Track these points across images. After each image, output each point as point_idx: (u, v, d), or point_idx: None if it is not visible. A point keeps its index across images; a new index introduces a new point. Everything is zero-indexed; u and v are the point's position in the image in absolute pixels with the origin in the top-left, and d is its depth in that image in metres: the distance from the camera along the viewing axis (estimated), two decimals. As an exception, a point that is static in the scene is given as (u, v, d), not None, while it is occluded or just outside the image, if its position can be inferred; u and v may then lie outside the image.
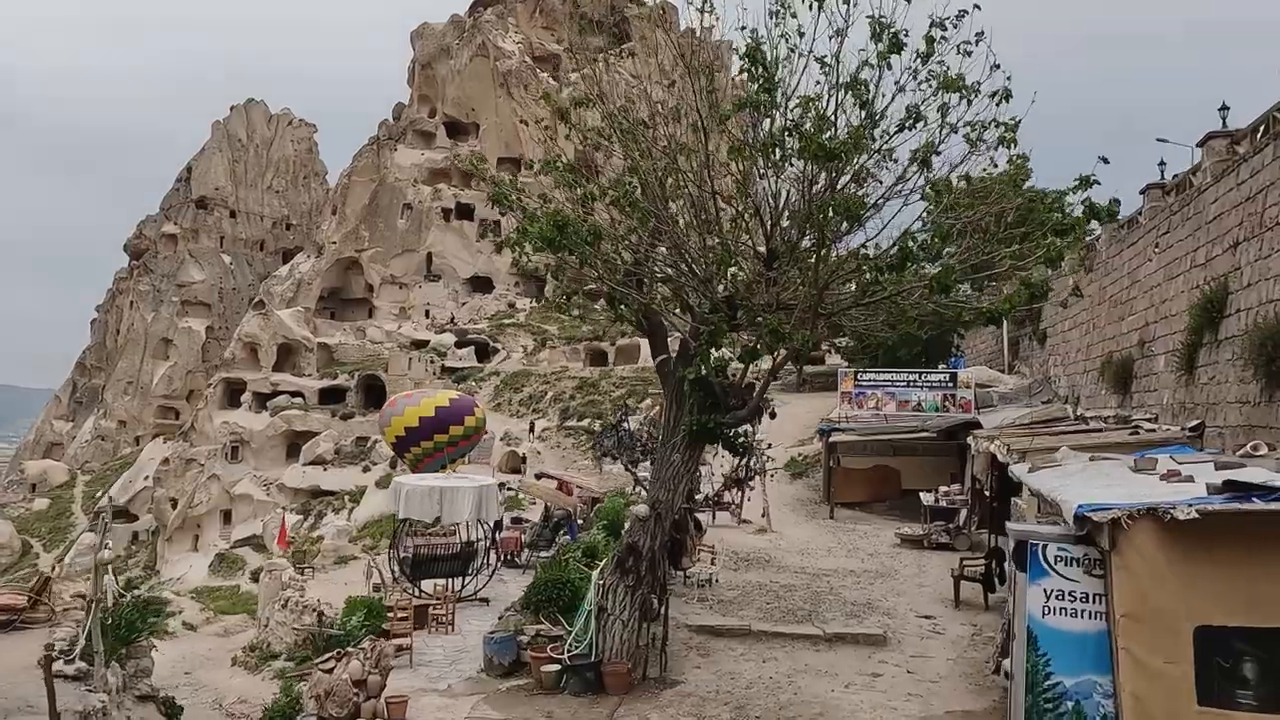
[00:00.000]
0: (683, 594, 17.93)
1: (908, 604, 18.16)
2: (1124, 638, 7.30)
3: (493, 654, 14.39)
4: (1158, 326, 20.51)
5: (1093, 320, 27.38)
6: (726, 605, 17.47)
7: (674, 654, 14.46)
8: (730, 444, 14.00)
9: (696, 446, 14.10)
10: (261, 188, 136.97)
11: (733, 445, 14.04)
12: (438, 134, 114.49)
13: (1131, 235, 24.40)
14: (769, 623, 16.23)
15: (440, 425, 41.83)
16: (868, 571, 21.37)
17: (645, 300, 14.01)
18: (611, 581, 13.73)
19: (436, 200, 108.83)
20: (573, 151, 14.83)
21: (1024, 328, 38.26)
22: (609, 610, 13.61)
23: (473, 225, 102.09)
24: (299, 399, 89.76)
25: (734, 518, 27.37)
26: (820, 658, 14.69)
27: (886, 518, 30.20)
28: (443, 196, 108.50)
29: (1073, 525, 7.84)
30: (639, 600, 13.68)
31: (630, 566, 13.67)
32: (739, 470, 26.51)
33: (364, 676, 12.05)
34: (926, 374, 34.13)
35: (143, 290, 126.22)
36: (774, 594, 18.58)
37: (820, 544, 25.22)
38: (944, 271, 11.87)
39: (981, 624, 16.65)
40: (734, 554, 22.69)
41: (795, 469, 35.74)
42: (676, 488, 14.05)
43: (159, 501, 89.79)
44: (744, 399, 13.88)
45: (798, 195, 12.95)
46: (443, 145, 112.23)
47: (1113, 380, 22.96)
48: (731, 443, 13.99)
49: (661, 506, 13.93)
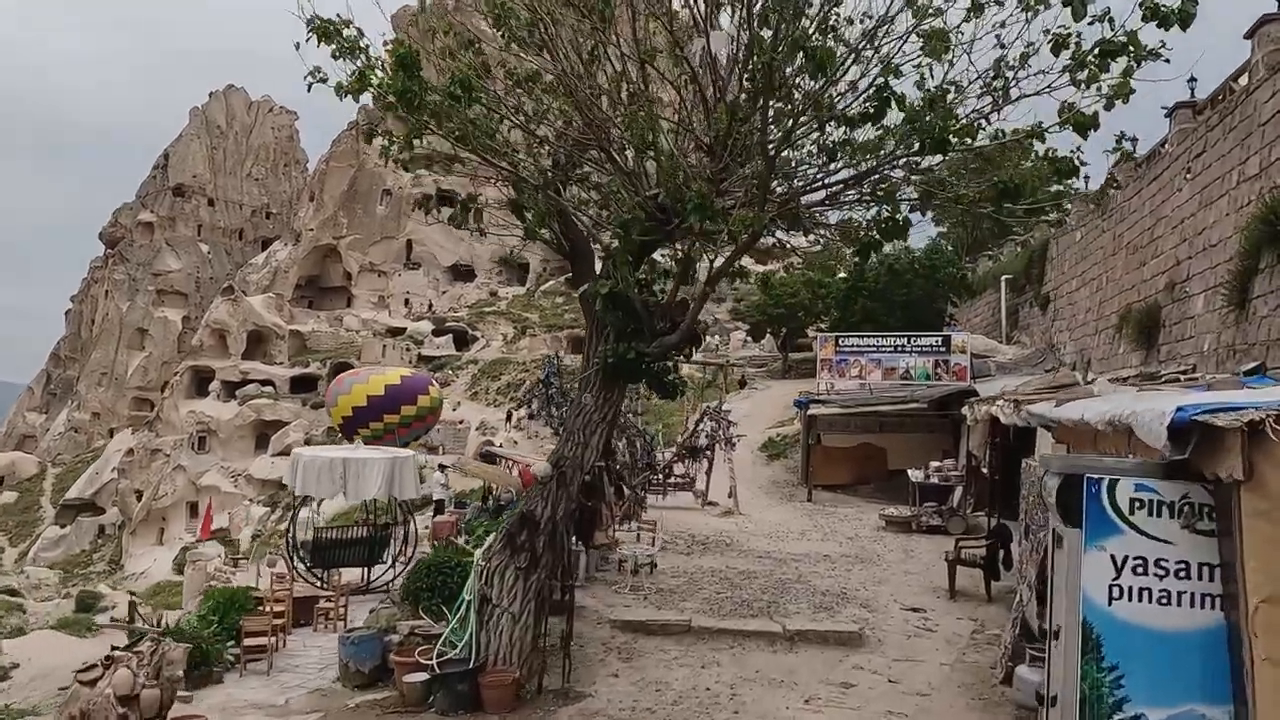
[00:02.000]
0: (613, 581, 14.63)
1: (891, 593, 14.85)
2: (1266, 639, 4.00)
3: (349, 658, 11.07)
4: (1193, 263, 17.23)
5: (1106, 274, 24.09)
6: (666, 596, 14.13)
7: (587, 657, 11.17)
8: (658, 381, 10.67)
9: (613, 386, 10.80)
10: (241, 175, 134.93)
11: (661, 383, 10.69)
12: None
13: (1151, 170, 21.12)
14: (715, 617, 12.89)
15: (391, 405, 38.35)
16: (845, 556, 18.07)
17: (559, 201, 10.68)
18: (499, 563, 10.42)
19: (417, 187, 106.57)
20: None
21: (1023, 294, 34.96)
22: (494, 600, 10.29)
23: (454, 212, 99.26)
24: (269, 388, 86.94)
25: (697, 499, 23.96)
26: (777, 661, 11.38)
27: (871, 500, 26.92)
28: (423, 183, 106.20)
29: (1166, 445, 4.53)
30: (535, 587, 10.38)
31: (524, 543, 10.36)
32: (695, 437, 22.95)
33: (135, 691, 8.70)
34: (916, 337, 30.48)
35: (118, 279, 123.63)
36: (728, 582, 15.25)
37: (793, 527, 21.89)
38: (937, 112, 8.42)
39: (983, 619, 13.35)
40: (689, 537, 19.36)
41: (773, 449, 32.41)
42: (588, 440, 10.75)
43: (123, 494, 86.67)
44: (674, 321, 10.56)
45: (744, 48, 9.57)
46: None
47: (1134, 334, 19.66)
48: (659, 380, 10.66)
49: (567, 464, 10.64)
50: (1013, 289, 36.02)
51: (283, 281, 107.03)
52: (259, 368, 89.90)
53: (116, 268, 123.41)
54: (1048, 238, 32.81)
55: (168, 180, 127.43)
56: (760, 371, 54.25)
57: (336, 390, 41.47)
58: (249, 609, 14.59)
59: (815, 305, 47.85)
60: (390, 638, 11.38)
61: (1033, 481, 11.58)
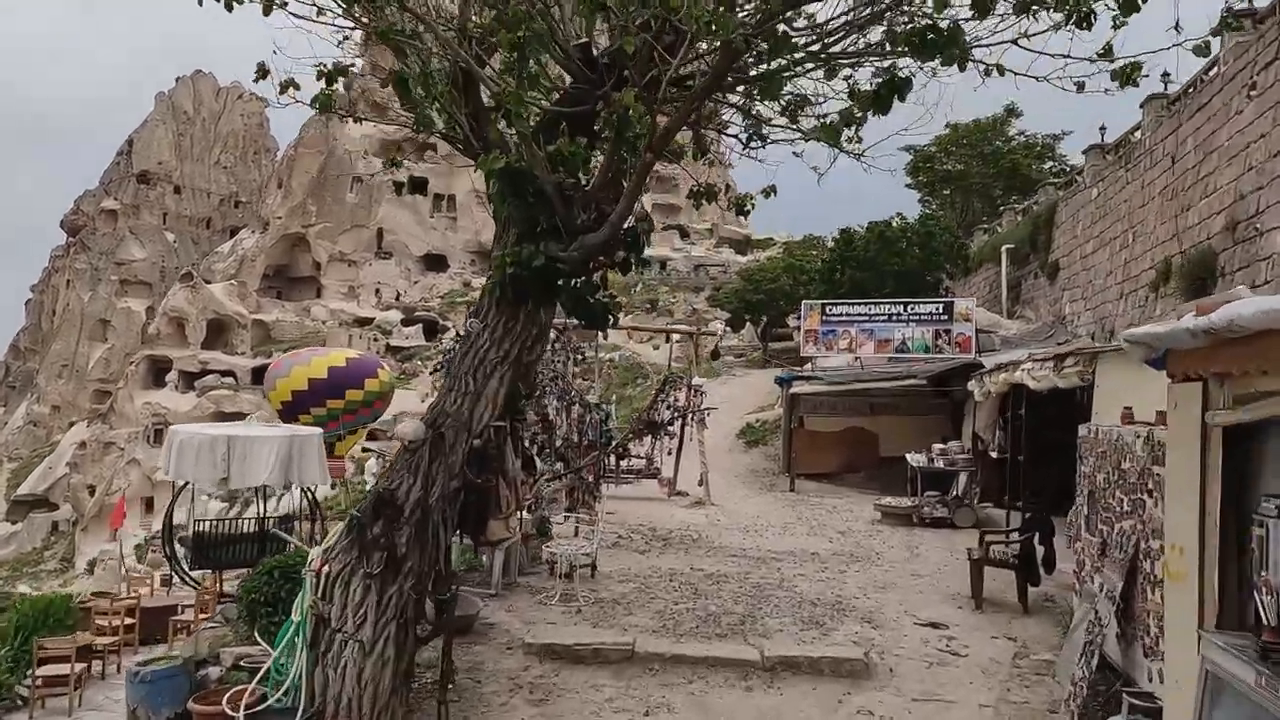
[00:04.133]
0: (540, 589, 11.29)
1: (899, 602, 11.60)
2: None
3: (140, 703, 7.73)
4: (1264, 193, 14.07)
5: (1133, 230, 20.94)
6: (607, 608, 10.80)
7: (483, 701, 7.89)
8: (578, 302, 7.33)
9: (517, 309, 7.50)
10: (209, 163, 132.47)
11: (583, 304, 7.35)
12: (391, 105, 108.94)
13: (1193, 102, 17.98)
14: (670, 638, 9.59)
15: (334, 389, 34.94)
16: (838, 555, 14.80)
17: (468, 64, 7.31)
18: (341, 568, 7.10)
19: (388, 173, 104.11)
20: None
21: (1026, 265, 31.79)
22: (334, 623, 6.99)
23: (426, 200, 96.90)
24: (230, 378, 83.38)
25: (663, 487, 20.60)
26: (752, 703, 8.13)
27: (863, 490, 23.72)
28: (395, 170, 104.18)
29: None
30: (395, 601, 7.07)
31: (378, 537, 7.06)
32: (655, 409, 19.43)
33: None
34: (913, 304, 26.96)
35: (79, 269, 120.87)
36: (691, 588, 11.94)
37: (774, 519, 18.62)
38: None
39: (1022, 637, 10.14)
40: (649, 530, 16.09)
41: (751, 435, 29.17)
42: (480, 388, 7.47)
43: (75, 489, 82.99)
44: (602, 211, 7.27)
45: None
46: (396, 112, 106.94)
47: (1183, 288, 16.46)
48: (580, 300, 7.32)
49: (447, 423, 7.35)
50: (1014, 260, 32.84)
51: (249, 270, 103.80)
52: (219, 358, 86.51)
53: (78, 256, 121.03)
54: (1055, 200, 29.68)
55: (132, 167, 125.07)
56: (740, 361, 51.60)
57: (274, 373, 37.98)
58: (68, 625, 11.29)
59: (796, 292, 45.04)
60: (207, 671, 8.07)
61: (1105, 452, 8.37)
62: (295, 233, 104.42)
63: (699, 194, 9.01)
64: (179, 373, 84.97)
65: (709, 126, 8.72)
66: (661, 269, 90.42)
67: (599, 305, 7.33)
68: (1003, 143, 50.67)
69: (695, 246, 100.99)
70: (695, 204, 9.44)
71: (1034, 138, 51.23)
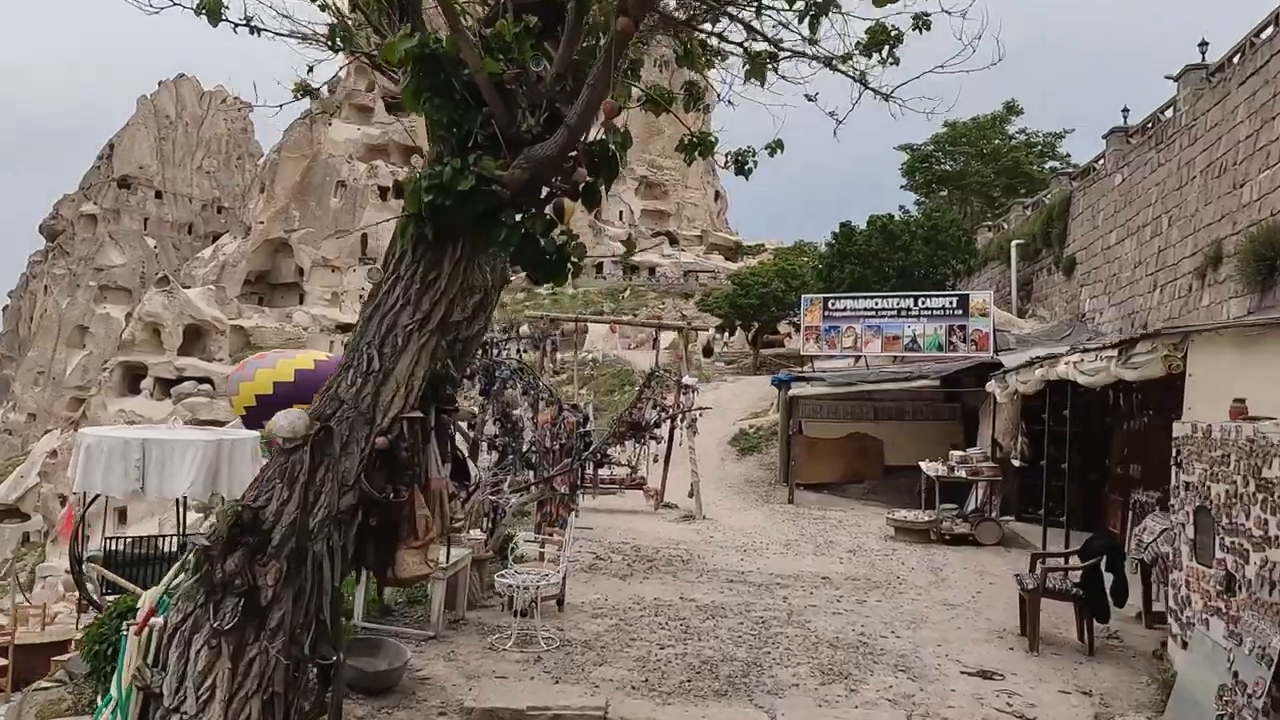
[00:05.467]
0: (492, 629, 9.11)
1: (936, 643, 9.48)
2: None
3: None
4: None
5: (1169, 214, 18.95)
6: (575, 654, 8.62)
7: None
8: (523, 246, 5.19)
9: (440, 253, 5.39)
10: (191, 168, 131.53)
11: (535, 249, 5.20)
12: (376, 108, 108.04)
13: (1247, 66, 16.02)
14: (653, 697, 7.46)
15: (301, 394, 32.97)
16: (852, 579, 12.66)
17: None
18: (181, 620, 4.97)
19: (373, 178, 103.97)
20: None
21: (1038, 260, 29.80)
22: (169, 701, 4.86)
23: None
24: (207, 385, 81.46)
25: (650, 499, 18.45)
26: (761, 793, 6.01)
27: (867, 502, 21.68)
28: (379, 174, 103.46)
29: None
30: (259, 670, 4.93)
31: (232, 576, 4.93)
32: (639, 409, 17.10)
33: None
34: (924, 298, 24.75)
35: (58, 274, 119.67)
36: (681, 625, 9.79)
37: (774, 535, 16.46)
38: None
39: (1100, 690, 8.03)
40: (633, 550, 13.94)
41: (745, 443, 27.06)
42: (389, 366, 5.35)
43: (46, 499, 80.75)
44: (555, 113, 5.15)
45: None
46: (381, 120, 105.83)
47: (1246, 271, 14.40)
48: (531, 241, 5.17)
49: (339, 414, 5.24)
50: (1024, 256, 30.85)
51: (231, 276, 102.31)
52: (196, 364, 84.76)
53: (56, 262, 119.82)
54: (1069, 192, 27.73)
55: (112, 171, 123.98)
56: (731, 368, 49.75)
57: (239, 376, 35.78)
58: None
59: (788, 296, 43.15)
60: (24, 753, 5.93)
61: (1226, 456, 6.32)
62: (278, 238, 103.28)
63: (691, 145, 6.93)
64: (154, 379, 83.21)
65: (698, 26, 6.62)
66: (650, 275, 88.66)
67: (553, 247, 5.20)
68: (1002, 141, 49.24)
69: (684, 253, 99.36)
70: (687, 158, 7.35)
71: (1035, 135, 49.90)
